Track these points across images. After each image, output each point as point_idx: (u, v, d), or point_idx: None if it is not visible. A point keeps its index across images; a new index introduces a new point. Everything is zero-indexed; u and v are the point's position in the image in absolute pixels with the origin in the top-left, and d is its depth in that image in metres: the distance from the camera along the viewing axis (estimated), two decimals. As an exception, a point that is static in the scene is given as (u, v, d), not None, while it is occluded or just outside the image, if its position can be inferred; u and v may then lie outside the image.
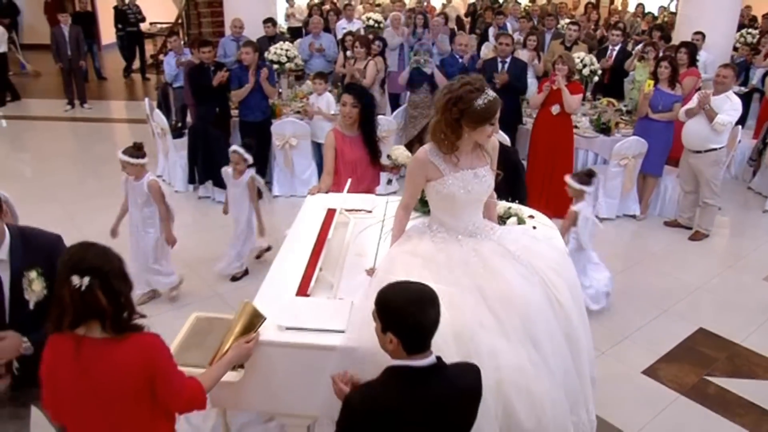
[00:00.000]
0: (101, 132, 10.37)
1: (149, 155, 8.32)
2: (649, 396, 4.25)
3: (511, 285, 2.66)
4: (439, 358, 2.09)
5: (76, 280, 2.03)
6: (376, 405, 2.04)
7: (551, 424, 2.60)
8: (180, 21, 11.96)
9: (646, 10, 14.36)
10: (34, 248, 2.51)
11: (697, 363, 4.60)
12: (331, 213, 3.47)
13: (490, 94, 2.61)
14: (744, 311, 5.29)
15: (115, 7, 13.36)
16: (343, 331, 2.55)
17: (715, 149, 6.20)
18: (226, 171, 5.46)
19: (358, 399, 2.07)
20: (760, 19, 12.27)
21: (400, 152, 4.29)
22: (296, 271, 2.94)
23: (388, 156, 4.41)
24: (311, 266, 2.93)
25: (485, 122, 2.63)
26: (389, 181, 4.62)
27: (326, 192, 4.21)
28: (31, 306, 2.50)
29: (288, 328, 2.56)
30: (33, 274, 2.47)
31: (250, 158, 5.29)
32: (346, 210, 3.61)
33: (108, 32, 14.47)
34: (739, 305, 5.40)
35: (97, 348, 2.11)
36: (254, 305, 2.54)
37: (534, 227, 3.40)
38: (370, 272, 2.93)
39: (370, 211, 3.66)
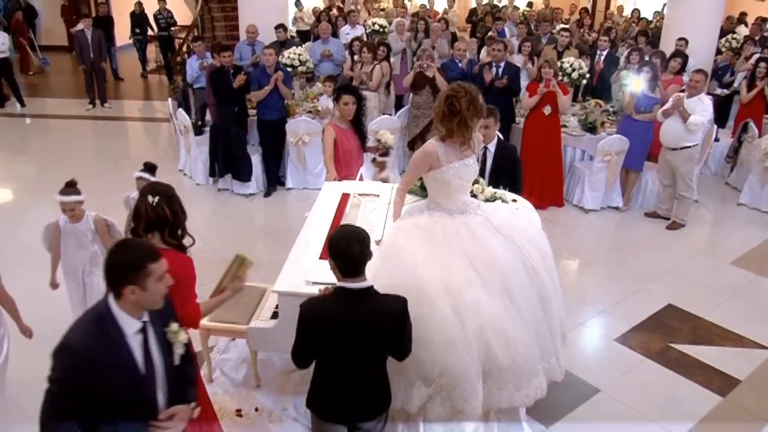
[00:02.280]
0: (121, 129, 11.08)
1: (171, 152, 9.09)
2: (619, 359, 4.89)
3: (493, 251, 3.31)
4: (371, 286, 2.77)
5: (150, 197, 2.94)
6: (317, 312, 2.73)
7: (524, 364, 3.25)
8: (195, 25, 12.57)
9: (642, 15, 14.99)
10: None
11: (664, 332, 5.24)
12: (345, 196, 4.12)
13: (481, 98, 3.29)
14: (710, 290, 5.92)
15: (132, 12, 14.00)
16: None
17: (689, 147, 6.82)
18: (129, 197, 4.98)
19: (307, 306, 2.76)
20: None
21: (388, 136, 5.09)
22: (318, 240, 3.61)
23: (378, 140, 5.15)
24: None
25: (483, 114, 3.28)
26: (373, 160, 5.29)
27: (336, 174, 4.98)
28: (177, 360, 2.55)
29: (314, 283, 3.21)
30: (174, 326, 2.54)
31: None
32: (359, 194, 4.26)
33: (120, 35, 15.05)
34: (706, 285, 6.02)
35: None
36: (244, 254, 3.19)
37: (517, 208, 4.03)
38: (378, 242, 3.57)
39: (378, 195, 4.31)
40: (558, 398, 4.20)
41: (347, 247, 2.70)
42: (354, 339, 2.72)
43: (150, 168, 4.75)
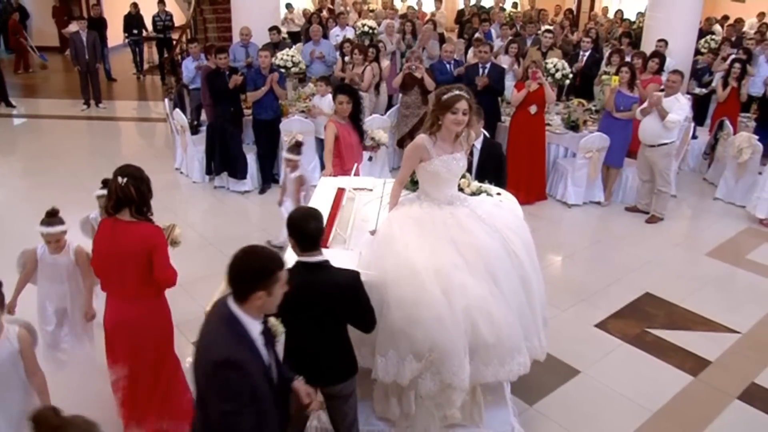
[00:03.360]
0: (117, 129, 11.32)
1: (167, 151, 9.31)
2: (598, 343, 5.21)
3: (477, 238, 3.58)
4: (327, 261, 3.10)
5: (120, 179, 3.40)
6: None
7: (507, 342, 3.52)
8: (188, 26, 12.79)
9: (625, 16, 15.35)
10: None
11: (641, 318, 5.56)
12: (340, 191, 4.40)
13: (455, 92, 3.53)
14: (685, 280, 6.26)
15: (128, 14, 14.22)
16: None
17: (666, 143, 7.15)
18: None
19: None
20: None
21: (381, 134, 5.42)
22: (317, 231, 3.88)
23: (372, 138, 5.46)
24: (329, 227, 3.86)
25: (447, 110, 3.54)
26: (370, 158, 5.60)
27: (332, 170, 5.38)
28: (279, 351, 2.76)
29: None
30: (273, 319, 2.71)
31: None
32: (353, 189, 4.53)
33: (112, 36, 15.24)
34: (682, 275, 6.36)
35: (123, 226, 3.46)
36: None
37: (501, 200, 4.31)
38: (372, 232, 3.85)
39: (371, 190, 4.58)
40: (541, 379, 4.52)
41: (304, 224, 3.05)
42: (310, 307, 3.05)
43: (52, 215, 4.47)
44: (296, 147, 6.15)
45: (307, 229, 3.04)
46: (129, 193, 3.41)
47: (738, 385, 4.73)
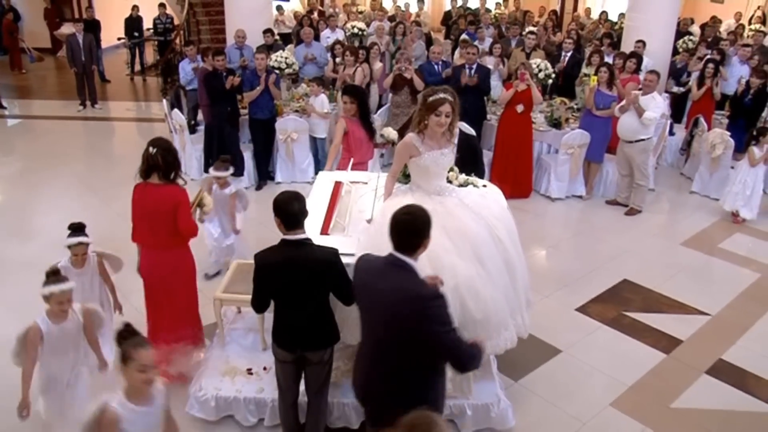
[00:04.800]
0: (114, 129, 11.60)
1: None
2: (578, 325, 5.58)
3: (465, 224, 3.93)
4: (308, 238, 3.49)
5: (151, 149, 4.12)
6: (265, 260, 3.46)
7: (494, 318, 3.87)
8: (182, 28, 13.05)
9: (609, 17, 15.76)
10: None
11: (618, 303, 5.94)
12: (338, 184, 4.74)
13: (440, 95, 3.85)
14: (660, 267, 6.64)
15: (129, 16, 14.52)
16: (352, 255, 3.80)
17: (643, 139, 7.54)
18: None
19: (258, 256, 3.49)
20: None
21: (390, 131, 5.82)
22: (318, 220, 4.22)
23: (381, 135, 5.85)
24: (329, 216, 4.22)
25: (432, 111, 3.86)
26: (381, 155, 5.93)
27: (332, 164, 5.83)
28: None
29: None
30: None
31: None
32: (350, 182, 4.88)
33: (105, 38, 15.47)
34: (657, 263, 6.75)
35: (154, 188, 4.18)
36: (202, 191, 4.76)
37: (486, 192, 4.66)
38: (369, 221, 4.20)
39: (366, 183, 4.93)
40: (525, 357, 4.89)
41: (288, 205, 3.40)
42: (293, 279, 3.43)
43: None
44: (223, 163, 5.94)
45: (291, 209, 3.39)
46: (157, 161, 4.10)
47: (706, 361, 5.12)
